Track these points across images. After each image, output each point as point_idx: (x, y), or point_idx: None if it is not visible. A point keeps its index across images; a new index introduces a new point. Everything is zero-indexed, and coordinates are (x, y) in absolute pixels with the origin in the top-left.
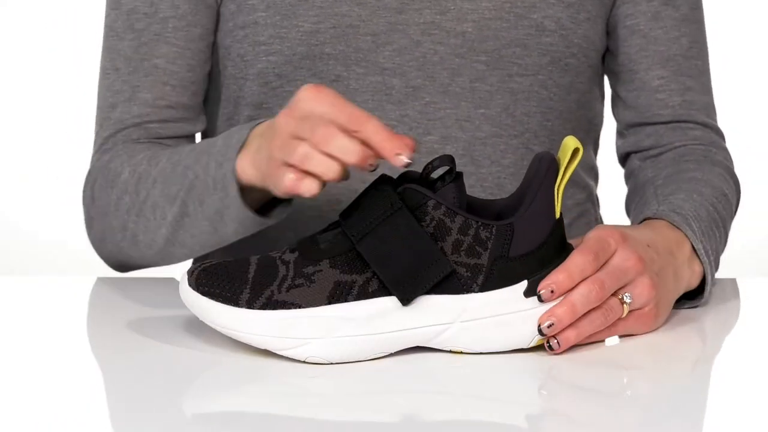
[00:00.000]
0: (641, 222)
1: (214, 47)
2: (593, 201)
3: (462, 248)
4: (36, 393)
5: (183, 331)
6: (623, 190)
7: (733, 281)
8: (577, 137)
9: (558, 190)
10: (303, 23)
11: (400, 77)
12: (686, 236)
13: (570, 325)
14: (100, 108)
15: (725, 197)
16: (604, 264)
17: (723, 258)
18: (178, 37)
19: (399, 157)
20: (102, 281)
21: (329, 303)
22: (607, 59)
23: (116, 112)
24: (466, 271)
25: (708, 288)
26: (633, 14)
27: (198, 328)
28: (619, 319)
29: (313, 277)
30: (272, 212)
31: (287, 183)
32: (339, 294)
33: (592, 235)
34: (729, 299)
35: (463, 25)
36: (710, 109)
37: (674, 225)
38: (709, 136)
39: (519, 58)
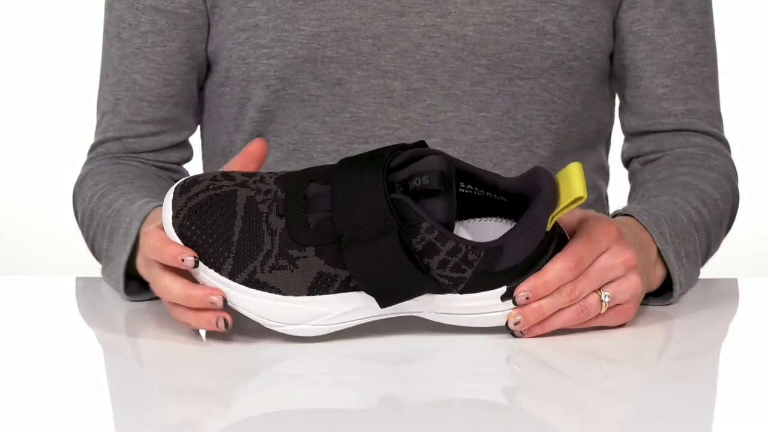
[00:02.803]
0: (614, 216)
1: (217, 50)
2: (602, 202)
3: (448, 266)
4: (22, 392)
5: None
6: None
7: (733, 281)
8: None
9: (551, 221)
10: (304, 27)
11: (401, 80)
12: (653, 239)
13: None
14: (97, 107)
15: (714, 202)
16: (590, 263)
17: (722, 258)
18: (155, 53)
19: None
20: (94, 282)
21: (309, 294)
22: (614, 63)
23: (104, 121)
24: (448, 282)
25: (677, 289)
26: (640, 20)
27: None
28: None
29: (297, 262)
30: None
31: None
32: (320, 285)
33: (586, 233)
34: (729, 299)
35: (464, 28)
36: (714, 117)
37: (642, 225)
38: (710, 144)
39: (520, 62)
